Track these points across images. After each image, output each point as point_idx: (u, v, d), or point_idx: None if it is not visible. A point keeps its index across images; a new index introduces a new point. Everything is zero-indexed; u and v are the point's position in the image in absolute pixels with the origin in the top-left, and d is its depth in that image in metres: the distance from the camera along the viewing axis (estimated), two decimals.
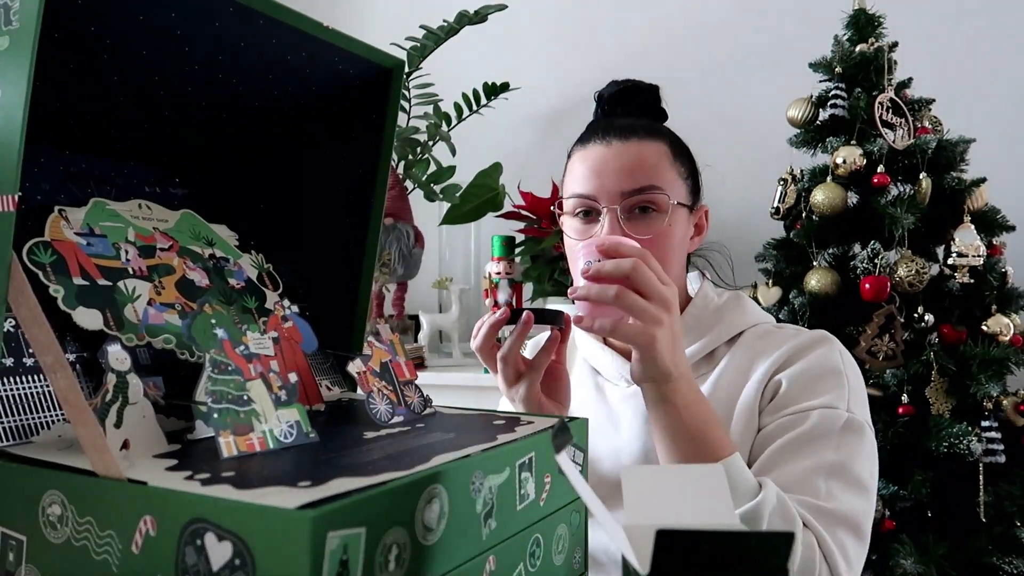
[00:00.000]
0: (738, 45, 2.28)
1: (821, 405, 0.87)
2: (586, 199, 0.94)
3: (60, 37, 0.57)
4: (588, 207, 0.94)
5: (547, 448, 0.61)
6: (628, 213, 0.92)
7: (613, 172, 0.92)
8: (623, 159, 0.92)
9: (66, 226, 0.64)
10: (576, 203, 0.95)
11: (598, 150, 0.94)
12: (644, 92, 1.02)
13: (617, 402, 1.00)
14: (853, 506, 0.83)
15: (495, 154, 2.24)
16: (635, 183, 0.91)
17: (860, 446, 0.87)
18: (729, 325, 0.98)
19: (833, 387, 0.89)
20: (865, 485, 0.85)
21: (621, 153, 0.92)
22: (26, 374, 0.56)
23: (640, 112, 1.01)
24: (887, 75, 1.74)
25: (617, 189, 0.91)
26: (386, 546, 0.43)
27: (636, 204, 0.91)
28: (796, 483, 0.83)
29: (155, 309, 0.66)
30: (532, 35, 2.47)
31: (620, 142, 0.93)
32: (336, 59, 0.73)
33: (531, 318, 0.85)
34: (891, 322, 1.63)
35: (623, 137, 0.93)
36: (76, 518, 0.46)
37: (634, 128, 0.94)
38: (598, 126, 0.97)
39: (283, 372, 0.60)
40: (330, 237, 0.84)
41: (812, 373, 0.91)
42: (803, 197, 1.79)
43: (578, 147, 0.98)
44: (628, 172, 0.91)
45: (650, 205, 0.92)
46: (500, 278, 1.93)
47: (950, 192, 1.71)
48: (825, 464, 0.84)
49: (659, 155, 0.94)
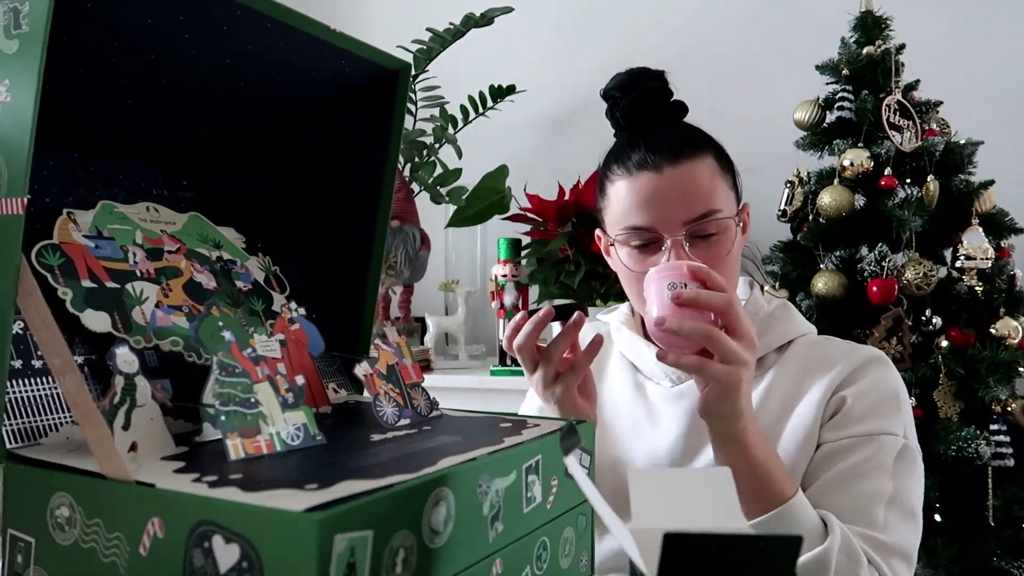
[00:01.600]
0: (745, 47, 2.28)
1: (881, 431, 0.88)
2: (646, 231, 0.90)
3: (69, 40, 0.57)
4: (648, 238, 0.90)
5: (554, 451, 0.61)
6: (692, 238, 0.89)
7: (671, 202, 0.88)
8: (680, 186, 0.88)
9: (74, 229, 0.65)
10: (631, 236, 0.91)
11: (649, 179, 0.89)
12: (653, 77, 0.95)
13: (659, 401, 0.99)
14: (907, 538, 0.86)
15: (501, 157, 2.24)
16: (696, 211, 0.88)
17: (913, 474, 0.89)
18: (779, 333, 0.98)
19: (893, 411, 0.90)
20: (916, 514, 0.88)
21: (676, 180, 0.88)
22: (35, 376, 0.56)
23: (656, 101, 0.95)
24: (894, 77, 1.74)
25: (678, 219, 0.88)
26: (393, 549, 0.42)
27: (700, 231, 0.89)
28: (855, 512, 0.85)
29: (163, 311, 0.67)
30: (538, 38, 2.47)
31: (671, 167, 0.88)
32: (343, 62, 0.73)
33: (583, 318, 0.84)
34: (898, 325, 1.62)
35: (672, 161, 0.89)
36: (84, 520, 0.46)
37: (679, 147, 0.90)
38: (639, 149, 0.91)
39: (290, 375, 0.60)
40: (337, 239, 0.84)
41: (875, 394, 0.91)
42: (810, 199, 1.78)
43: (620, 172, 0.93)
44: (687, 200, 0.88)
45: (712, 231, 0.89)
46: (506, 281, 1.93)
47: (958, 194, 1.70)
48: (884, 493, 0.85)
49: (711, 173, 0.90)
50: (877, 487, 0.86)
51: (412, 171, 2.21)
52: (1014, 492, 1.56)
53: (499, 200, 2.16)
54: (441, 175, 2.20)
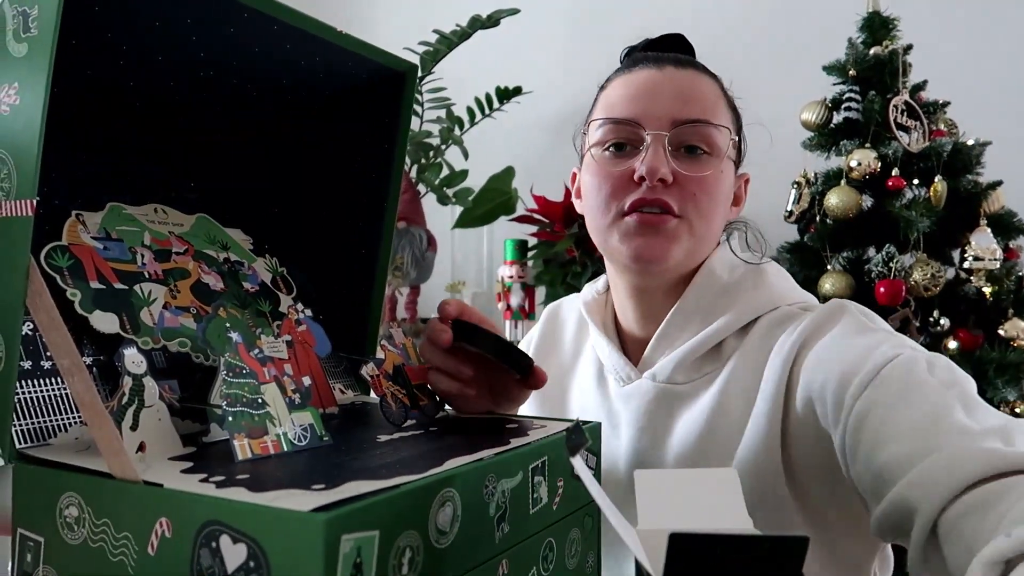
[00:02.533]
0: (752, 48, 2.28)
1: (886, 360, 0.63)
2: (627, 124, 0.77)
3: (77, 43, 0.57)
4: (627, 137, 0.78)
5: (560, 452, 0.61)
6: (676, 150, 0.77)
7: (666, 96, 0.77)
8: (678, 84, 0.78)
9: (83, 230, 0.65)
10: (610, 131, 0.78)
11: (646, 73, 0.79)
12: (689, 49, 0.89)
13: (616, 400, 0.85)
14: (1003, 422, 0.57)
15: (508, 158, 2.24)
16: (691, 112, 0.77)
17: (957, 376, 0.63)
18: (740, 310, 0.79)
19: (880, 341, 0.67)
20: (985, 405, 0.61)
21: (675, 79, 0.78)
22: (44, 377, 0.57)
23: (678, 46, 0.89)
24: (902, 78, 1.73)
25: (669, 115, 0.76)
26: (399, 549, 0.43)
27: (689, 138, 0.77)
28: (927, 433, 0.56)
29: (170, 313, 0.67)
30: (545, 39, 2.47)
31: (674, 68, 0.79)
32: (349, 63, 0.73)
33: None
34: (906, 326, 1.62)
35: (678, 65, 0.80)
36: (93, 520, 0.46)
37: (691, 61, 0.82)
38: (646, 54, 0.83)
39: (297, 375, 0.60)
40: (343, 241, 0.84)
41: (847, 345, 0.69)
42: (817, 200, 1.78)
43: (616, 76, 0.83)
44: (683, 99, 0.77)
45: (702, 145, 0.77)
46: (513, 282, 1.93)
47: (966, 195, 1.70)
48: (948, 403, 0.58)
49: (717, 94, 0.81)
50: (934, 401, 0.59)
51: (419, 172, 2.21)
52: None
53: (505, 201, 2.16)
54: (448, 176, 2.20)
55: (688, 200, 0.76)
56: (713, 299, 0.81)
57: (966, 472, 0.50)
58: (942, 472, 0.51)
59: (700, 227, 0.78)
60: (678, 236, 0.77)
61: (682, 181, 0.76)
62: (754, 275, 0.83)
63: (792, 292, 0.83)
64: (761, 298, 0.80)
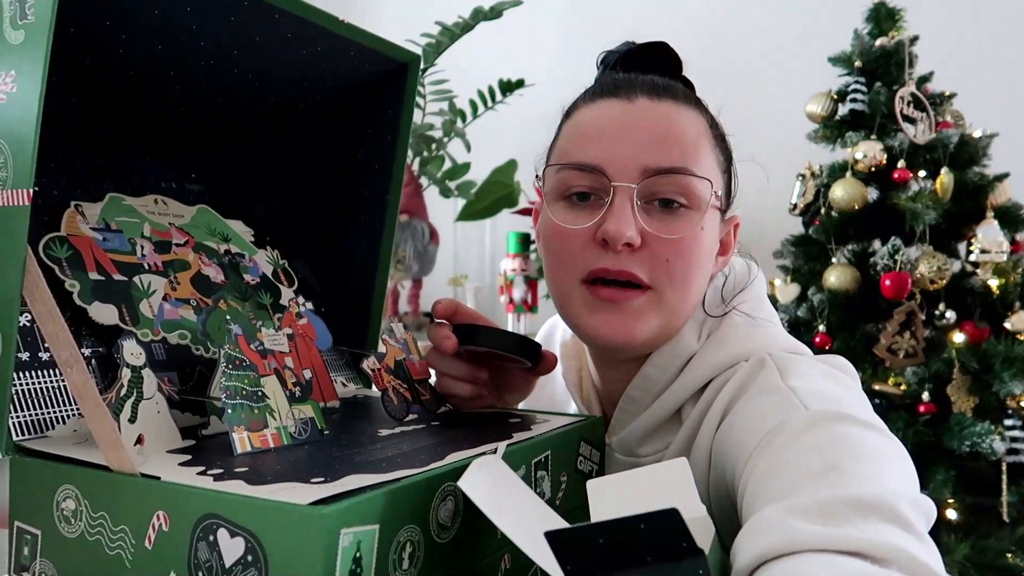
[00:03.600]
0: (757, 39, 2.26)
1: (769, 428, 0.55)
2: (591, 171, 0.65)
3: (76, 31, 0.57)
4: (590, 185, 0.65)
5: (563, 447, 0.60)
6: (647, 203, 0.65)
7: (635, 138, 0.64)
8: (652, 123, 0.65)
9: (82, 221, 0.64)
10: (571, 178, 0.66)
11: (615, 107, 0.66)
12: (674, 61, 0.75)
13: None
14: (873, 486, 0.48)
15: (510, 151, 2.23)
16: (666, 159, 0.64)
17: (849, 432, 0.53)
18: (694, 374, 0.68)
19: (775, 404, 0.58)
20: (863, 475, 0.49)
21: (649, 115, 0.65)
22: (41, 369, 0.56)
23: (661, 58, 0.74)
24: (908, 69, 1.72)
25: (638, 162, 0.63)
26: (400, 544, 0.42)
27: (661, 191, 0.64)
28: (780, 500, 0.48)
29: (170, 304, 0.66)
30: (547, 32, 2.46)
31: (648, 99, 0.66)
32: (352, 54, 0.73)
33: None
34: (912, 319, 1.61)
35: (652, 95, 0.66)
36: (90, 513, 0.46)
37: (669, 88, 0.68)
38: (615, 78, 0.70)
39: (298, 369, 0.59)
40: (345, 233, 0.84)
41: (747, 413, 0.60)
42: (822, 193, 1.77)
43: (583, 103, 0.70)
44: (657, 141, 0.64)
45: (679, 197, 0.64)
46: (515, 275, 1.93)
47: (972, 187, 1.69)
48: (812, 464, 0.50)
49: (699, 130, 0.67)
50: (790, 471, 0.50)
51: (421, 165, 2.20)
52: None
53: (508, 194, 2.16)
54: (450, 169, 2.20)
55: (659, 267, 0.64)
56: (678, 368, 0.69)
57: (760, 547, 0.44)
58: (748, 540, 0.45)
59: (673, 299, 0.66)
60: (644, 314, 0.65)
61: (653, 244, 0.64)
62: (717, 331, 0.70)
63: (754, 343, 0.69)
64: (716, 357, 0.68)
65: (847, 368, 0.67)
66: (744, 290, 0.74)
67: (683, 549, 0.34)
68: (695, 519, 0.44)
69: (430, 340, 0.69)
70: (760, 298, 0.75)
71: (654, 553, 0.35)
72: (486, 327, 0.70)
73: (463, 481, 0.43)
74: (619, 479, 0.49)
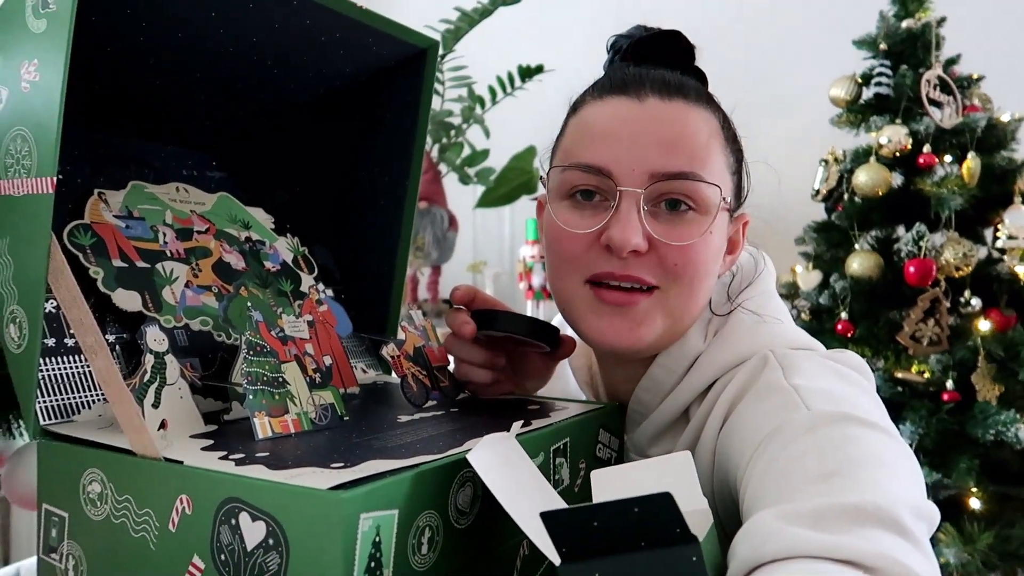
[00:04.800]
0: (781, 22, 2.23)
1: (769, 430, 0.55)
2: (597, 173, 0.64)
3: (96, 21, 0.57)
4: (596, 185, 0.64)
5: (582, 434, 0.60)
6: (654, 205, 0.63)
7: (644, 140, 0.63)
8: (662, 125, 0.63)
9: (105, 209, 0.65)
10: (576, 177, 0.65)
11: (623, 105, 0.64)
12: (687, 51, 0.72)
13: None
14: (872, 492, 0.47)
15: (529, 137, 2.22)
16: (673, 164, 0.62)
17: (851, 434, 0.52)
18: (700, 373, 0.67)
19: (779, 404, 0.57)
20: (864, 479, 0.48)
21: (659, 115, 0.64)
22: (67, 354, 0.57)
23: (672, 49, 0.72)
24: (934, 51, 1.69)
25: (646, 167, 0.62)
26: (419, 529, 0.42)
27: (670, 194, 0.63)
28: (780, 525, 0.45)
29: (192, 291, 0.67)
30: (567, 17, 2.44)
31: (659, 100, 0.64)
32: (370, 40, 0.72)
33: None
34: (936, 307, 1.59)
35: (663, 94, 0.64)
36: (115, 496, 0.47)
37: (681, 86, 0.66)
38: (625, 73, 0.68)
39: (318, 355, 0.60)
40: (365, 220, 0.84)
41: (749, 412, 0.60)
42: (845, 178, 1.75)
43: (590, 97, 0.68)
44: (666, 145, 0.63)
45: (687, 200, 0.63)
46: (535, 262, 1.92)
47: (1000, 172, 1.66)
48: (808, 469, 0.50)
49: (710, 132, 0.65)
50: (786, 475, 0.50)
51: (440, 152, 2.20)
52: None
53: (527, 181, 2.15)
54: (469, 156, 2.19)
55: (667, 272, 0.63)
56: (684, 368, 0.69)
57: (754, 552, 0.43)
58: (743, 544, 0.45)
59: (679, 303, 0.65)
60: (650, 318, 0.64)
61: (660, 248, 0.63)
62: (723, 329, 0.69)
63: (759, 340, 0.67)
64: (721, 356, 0.67)
65: (858, 365, 0.65)
66: (750, 286, 0.72)
67: (677, 535, 0.35)
68: (695, 511, 0.44)
69: (448, 326, 0.69)
70: (767, 293, 0.73)
71: (648, 537, 0.35)
72: (504, 312, 0.70)
73: (472, 455, 0.44)
74: (623, 470, 0.49)
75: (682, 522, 0.34)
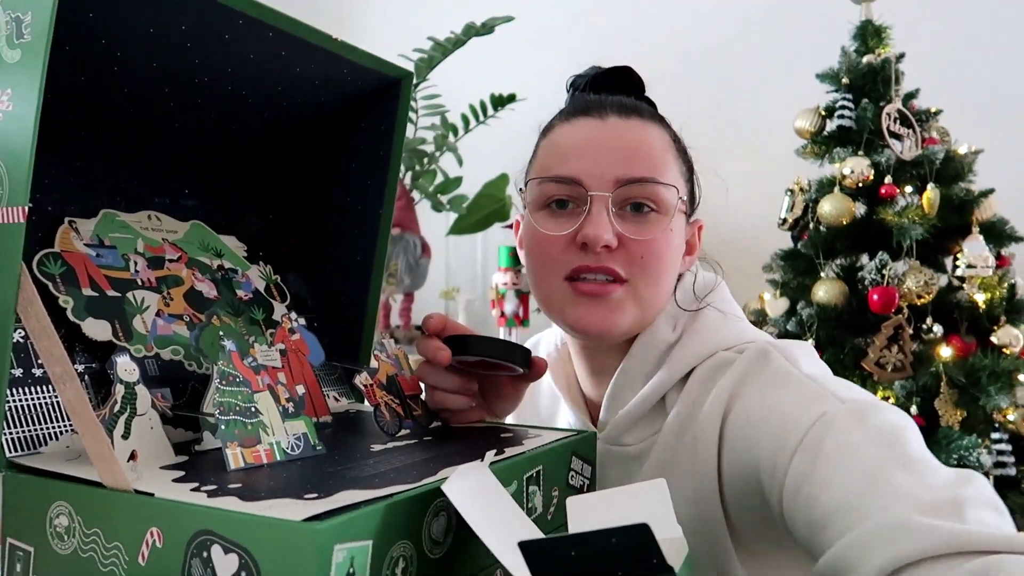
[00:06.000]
0: (746, 56, 2.29)
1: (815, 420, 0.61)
2: (569, 183, 0.73)
3: (71, 50, 0.57)
4: (568, 194, 0.74)
5: (555, 462, 0.61)
6: (620, 208, 0.73)
7: (609, 152, 0.73)
8: (622, 139, 0.74)
9: (76, 237, 0.65)
10: (551, 189, 0.74)
11: (589, 125, 0.75)
12: (637, 84, 0.83)
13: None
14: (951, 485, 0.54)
15: (502, 165, 2.24)
16: (636, 170, 0.72)
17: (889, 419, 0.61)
18: (674, 364, 0.75)
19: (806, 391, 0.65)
20: (930, 460, 0.58)
21: (620, 132, 0.74)
22: (35, 384, 0.56)
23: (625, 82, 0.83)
24: (894, 86, 1.75)
25: (612, 174, 0.72)
26: (393, 559, 0.42)
27: (633, 197, 0.73)
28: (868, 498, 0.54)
29: (163, 320, 0.67)
30: (539, 47, 2.48)
31: (619, 118, 0.75)
32: (345, 71, 0.73)
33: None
34: (899, 333, 1.62)
35: (622, 113, 0.75)
36: (83, 529, 0.46)
37: (636, 107, 0.77)
38: (587, 99, 0.78)
39: (291, 384, 0.60)
40: (339, 248, 0.84)
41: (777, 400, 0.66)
42: (810, 208, 1.79)
43: (558, 121, 0.79)
44: (628, 155, 0.73)
45: (648, 202, 0.73)
46: (507, 289, 1.93)
47: (958, 203, 1.71)
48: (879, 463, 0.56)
49: (664, 145, 0.76)
50: (867, 464, 0.56)
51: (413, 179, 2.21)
52: (1015, 500, 1.55)
53: (500, 208, 2.16)
54: (442, 183, 2.21)
55: (635, 264, 0.72)
56: (657, 357, 0.77)
57: (912, 546, 0.48)
58: (885, 539, 0.48)
59: (647, 293, 0.74)
60: (623, 306, 0.73)
61: (628, 244, 0.72)
62: (693, 324, 0.77)
63: (730, 335, 0.76)
64: (697, 348, 0.75)
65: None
66: (714, 290, 0.82)
67: (653, 565, 0.35)
68: (670, 539, 0.45)
69: (421, 354, 0.70)
70: (727, 299, 0.83)
71: (625, 567, 0.35)
72: (476, 336, 0.70)
73: (447, 486, 0.44)
74: (598, 497, 0.50)
75: (659, 552, 0.35)
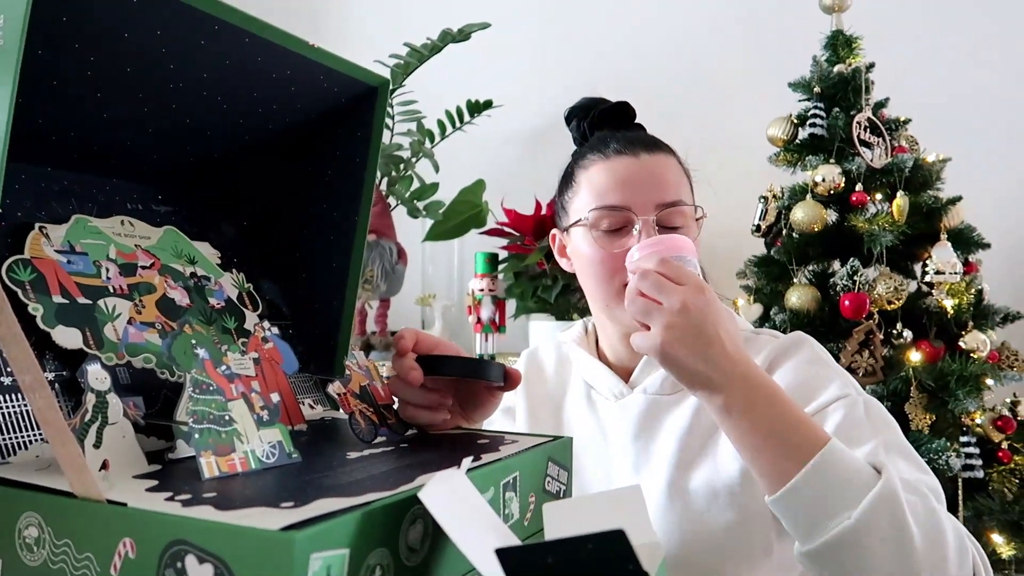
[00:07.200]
0: (719, 64, 2.31)
1: (834, 397, 0.84)
2: (621, 210, 0.91)
3: (44, 54, 0.57)
4: (619, 220, 0.92)
5: (531, 468, 0.61)
6: (659, 227, 0.91)
7: (647, 184, 0.91)
8: (655, 172, 0.92)
9: (47, 243, 0.64)
10: (605, 215, 0.92)
11: (627, 162, 0.93)
12: (632, 116, 1.03)
13: (606, 416, 1.00)
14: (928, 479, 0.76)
15: (478, 171, 2.24)
16: (669, 196, 0.91)
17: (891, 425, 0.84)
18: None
19: (832, 377, 0.87)
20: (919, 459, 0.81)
21: (651, 166, 0.93)
22: (4, 393, 0.55)
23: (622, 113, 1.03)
24: (864, 95, 1.77)
25: (652, 201, 0.91)
26: (369, 567, 0.42)
27: (670, 218, 0.91)
28: None
29: (135, 328, 0.66)
30: (515, 53, 2.48)
31: (647, 154, 0.93)
32: (321, 77, 0.73)
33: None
34: (870, 339, 1.65)
35: (649, 150, 0.94)
36: (53, 540, 0.45)
37: (656, 142, 0.96)
38: (617, 138, 0.96)
39: (265, 392, 0.59)
40: (314, 255, 0.84)
41: (806, 372, 0.88)
42: (783, 215, 1.81)
43: (595, 157, 0.96)
44: (661, 185, 0.92)
45: (680, 222, 0.92)
46: (483, 295, 1.93)
47: (927, 210, 1.74)
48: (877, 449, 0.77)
49: (679, 170, 0.96)
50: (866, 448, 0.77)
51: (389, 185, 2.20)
52: (983, 503, 1.58)
53: (476, 214, 2.16)
54: (418, 189, 2.20)
55: None
56: None
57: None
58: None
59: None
60: None
61: None
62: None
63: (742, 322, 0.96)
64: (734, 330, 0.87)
65: None
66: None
67: (630, 571, 0.35)
68: (645, 544, 0.45)
69: (396, 371, 0.70)
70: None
71: (601, 573, 0.35)
72: (449, 356, 0.71)
73: (423, 492, 0.44)
74: (574, 503, 0.51)
75: (635, 559, 0.35)
